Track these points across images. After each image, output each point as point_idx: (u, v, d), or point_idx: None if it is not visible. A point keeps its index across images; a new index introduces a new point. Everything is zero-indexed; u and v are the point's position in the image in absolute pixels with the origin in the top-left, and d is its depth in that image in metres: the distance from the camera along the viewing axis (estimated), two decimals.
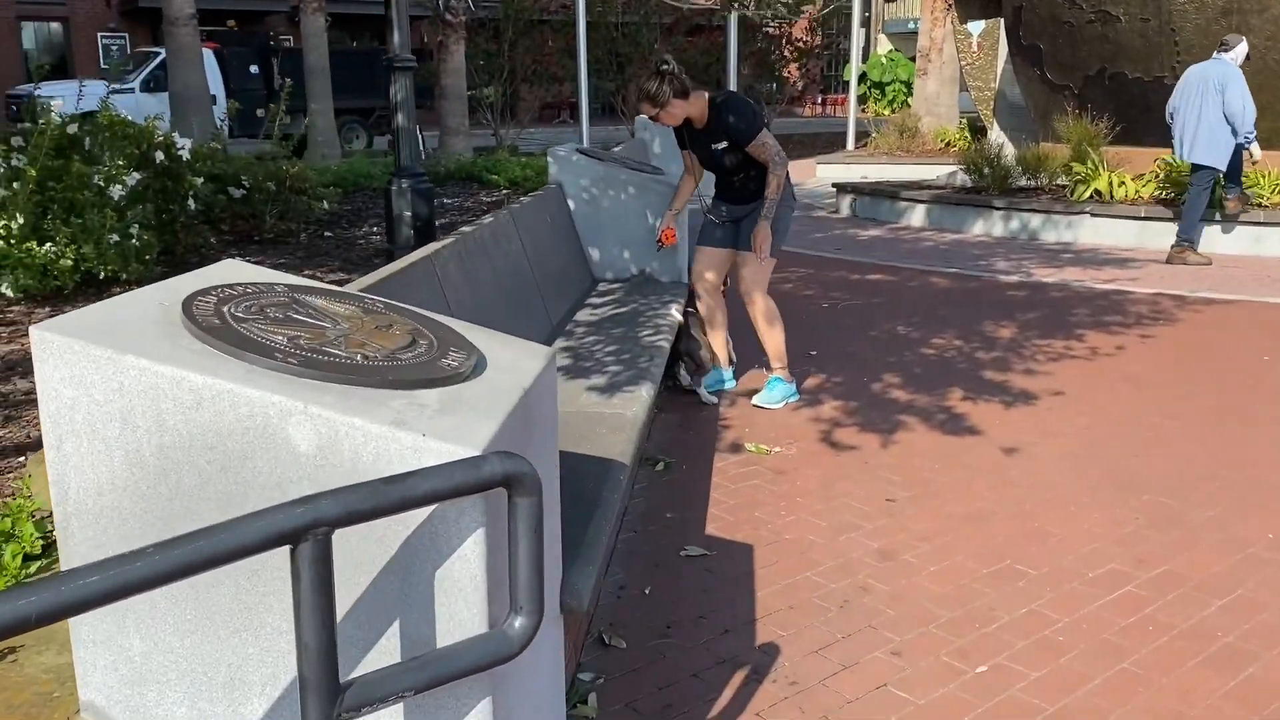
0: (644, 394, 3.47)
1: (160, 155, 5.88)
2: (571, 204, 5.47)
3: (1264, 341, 5.98)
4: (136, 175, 5.48)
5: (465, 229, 3.75)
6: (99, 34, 28.67)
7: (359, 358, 1.70)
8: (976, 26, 14.97)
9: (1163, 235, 9.17)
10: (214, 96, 18.41)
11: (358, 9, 28.68)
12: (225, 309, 1.75)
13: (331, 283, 5.89)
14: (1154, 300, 7.16)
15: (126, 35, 28.56)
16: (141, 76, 18.67)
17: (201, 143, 7.05)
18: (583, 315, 4.67)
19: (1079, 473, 4.03)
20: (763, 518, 3.66)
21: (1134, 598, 3.05)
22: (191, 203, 6.17)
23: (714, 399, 4.97)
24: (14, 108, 17.21)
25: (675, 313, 4.85)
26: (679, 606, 3.02)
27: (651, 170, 5.68)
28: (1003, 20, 12.85)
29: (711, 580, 3.20)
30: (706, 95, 4.52)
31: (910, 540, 3.47)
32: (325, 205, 7.48)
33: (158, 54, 17.97)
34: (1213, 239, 8.98)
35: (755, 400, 4.87)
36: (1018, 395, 5.04)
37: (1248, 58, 8.54)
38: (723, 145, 4.55)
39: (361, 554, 1.54)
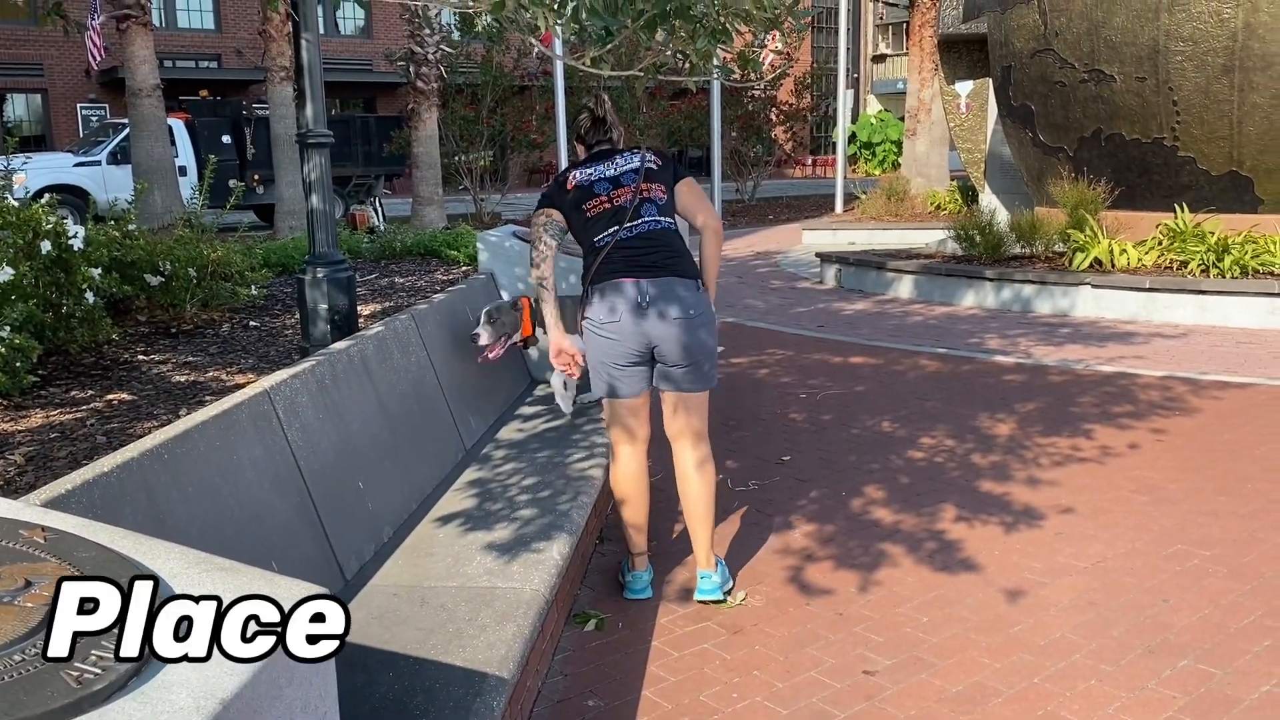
0: (554, 556, 2.76)
1: (48, 245, 5.23)
2: (505, 295, 4.80)
3: None
4: (10, 270, 4.81)
5: (337, 345, 3.07)
6: (78, 105, 28.37)
7: None
8: (964, 87, 14.50)
9: (1169, 308, 8.53)
10: (183, 168, 17.98)
11: (339, 76, 28.45)
12: None
13: (238, 385, 5.20)
14: (1165, 385, 6.48)
15: (106, 106, 28.26)
16: (109, 148, 18.20)
17: (154, 221, 6.46)
18: (508, 431, 3.98)
19: (1098, 628, 3.31)
20: (709, 703, 2.93)
21: None
22: (90, 296, 5.50)
23: (568, 410, 4.23)
24: None
25: None
26: None
27: None
28: (991, 80, 12.34)
29: None
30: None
31: None
32: (253, 290, 6.82)
33: (126, 125, 17.50)
34: (1225, 311, 8.34)
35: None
36: (1020, 514, 4.33)
37: None
38: None
39: None
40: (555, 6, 2.30)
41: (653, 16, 2.18)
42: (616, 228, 3.34)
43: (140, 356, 5.84)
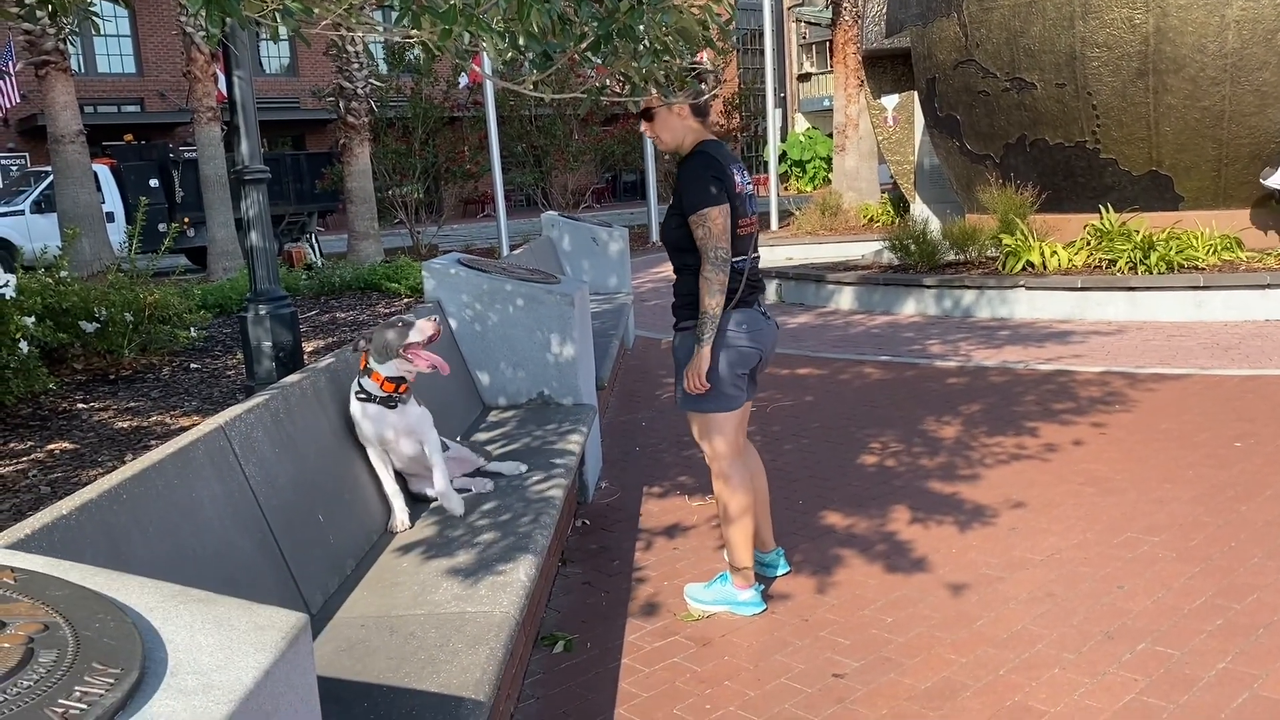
0: (521, 577, 2.75)
1: None
2: (454, 323, 4.79)
3: (1229, 423, 5.45)
4: None
5: (289, 379, 3.04)
6: None
7: None
8: (890, 100, 14.79)
9: (1101, 305, 8.76)
10: (111, 214, 17.63)
11: (266, 115, 28.17)
12: None
13: (183, 427, 5.12)
14: (1103, 380, 6.65)
15: (27, 155, 27.63)
16: (31, 197, 17.79)
17: (86, 266, 6.32)
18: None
19: (1058, 618, 3.38)
20: (684, 716, 2.93)
21: None
22: (24, 345, 5.38)
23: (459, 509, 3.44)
24: None
25: (575, 446, 4.16)
26: None
27: (543, 279, 5.03)
28: (916, 93, 12.61)
29: None
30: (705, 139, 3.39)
31: None
32: (192, 333, 6.72)
33: (49, 173, 17.12)
34: (1155, 306, 8.58)
35: (687, 591, 3.70)
36: (972, 512, 4.40)
37: None
38: (671, 204, 3.44)
39: None
40: (499, 32, 2.32)
41: (597, 38, 2.21)
42: (752, 254, 3.43)
43: (80, 405, 5.72)
